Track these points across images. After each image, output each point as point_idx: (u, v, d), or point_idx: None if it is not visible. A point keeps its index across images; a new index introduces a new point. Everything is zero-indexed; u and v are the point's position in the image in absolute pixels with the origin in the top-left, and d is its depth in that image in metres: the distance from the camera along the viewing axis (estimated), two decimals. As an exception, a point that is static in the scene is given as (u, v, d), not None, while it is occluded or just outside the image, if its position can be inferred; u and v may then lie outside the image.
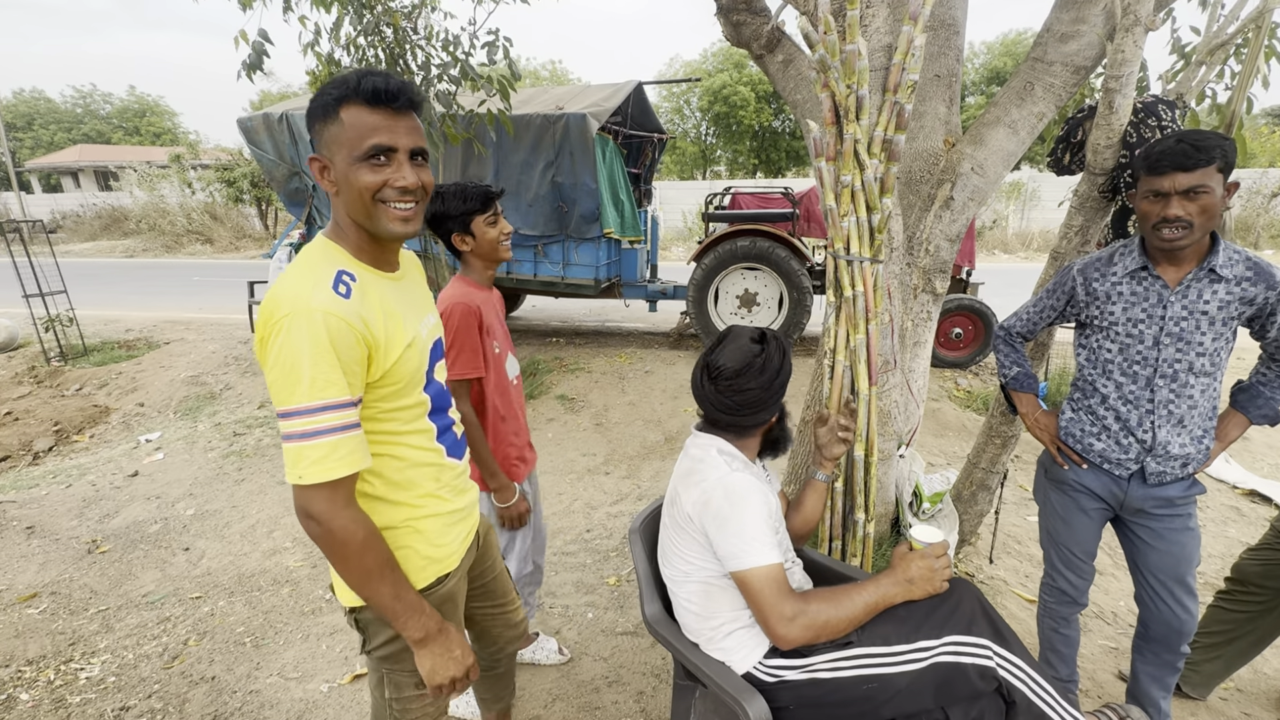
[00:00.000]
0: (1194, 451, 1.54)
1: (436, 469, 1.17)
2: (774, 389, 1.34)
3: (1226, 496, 3.56)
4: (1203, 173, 1.36)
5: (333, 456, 0.92)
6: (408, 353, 1.05)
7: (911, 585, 1.29)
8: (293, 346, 0.90)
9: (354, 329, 0.95)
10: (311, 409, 0.91)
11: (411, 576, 1.12)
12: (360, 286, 0.99)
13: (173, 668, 2.29)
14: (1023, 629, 2.37)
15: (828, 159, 1.69)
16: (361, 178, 0.97)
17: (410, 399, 1.09)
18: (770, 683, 1.26)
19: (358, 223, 1.02)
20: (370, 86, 0.95)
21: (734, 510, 1.24)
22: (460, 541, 1.23)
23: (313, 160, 0.99)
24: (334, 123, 0.96)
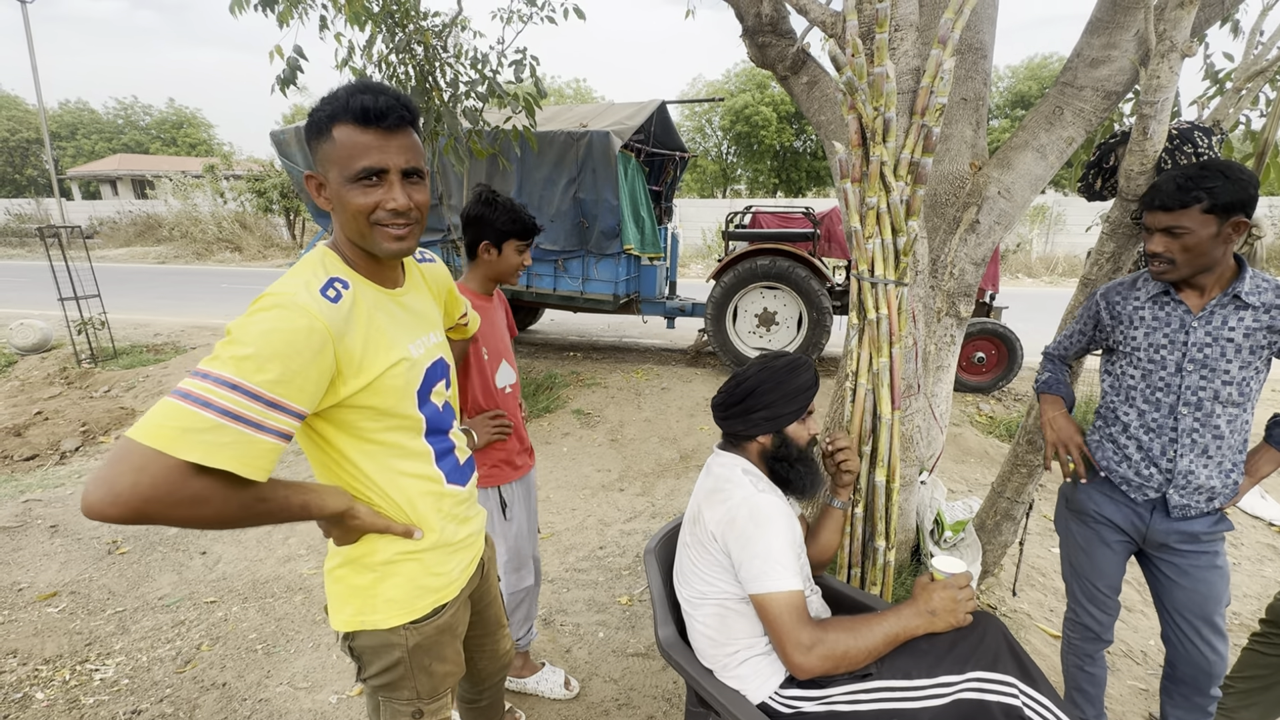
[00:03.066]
0: (1220, 485, 1.49)
1: (436, 497, 1.13)
2: (778, 392, 1.33)
3: (1263, 534, 3.43)
4: (1182, 214, 1.38)
5: (201, 435, 0.79)
6: (391, 372, 1.01)
7: (934, 617, 1.25)
8: (252, 325, 0.86)
9: (329, 336, 0.90)
10: (223, 379, 0.82)
11: (407, 605, 1.10)
12: (351, 296, 0.97)
13: (185, 672, 2.30)
14: (1047, 665, 2.29)
15: (853, 180, 1.68)
16: (353, 199, 0.95)
17: (399, 420, 1.05)
18: (787, 714, 1.23)
19: (353, 241, 1.01)
20: (360, 105, 0.92)
21: (759, 531, 1.22)
22: (462, 570, 1.20)
23: (309, 178, 0.97)
24: (327, 141, 0.94)
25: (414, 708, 1.14)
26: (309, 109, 0.98)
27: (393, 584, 1.08)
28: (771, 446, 1.37)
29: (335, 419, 0.99)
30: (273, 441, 0.85)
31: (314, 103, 0.98)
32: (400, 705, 1.13)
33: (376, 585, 1.08)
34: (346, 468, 1.04)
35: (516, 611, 1.96)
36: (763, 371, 1.36)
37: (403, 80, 4.67)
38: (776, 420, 1.34)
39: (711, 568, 1.30)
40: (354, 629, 1.09)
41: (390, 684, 1.12)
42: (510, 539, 1.86)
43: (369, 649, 1.10)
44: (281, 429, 0.86)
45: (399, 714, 1.14)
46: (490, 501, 1.82)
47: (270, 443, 0.85)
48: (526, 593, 1.97)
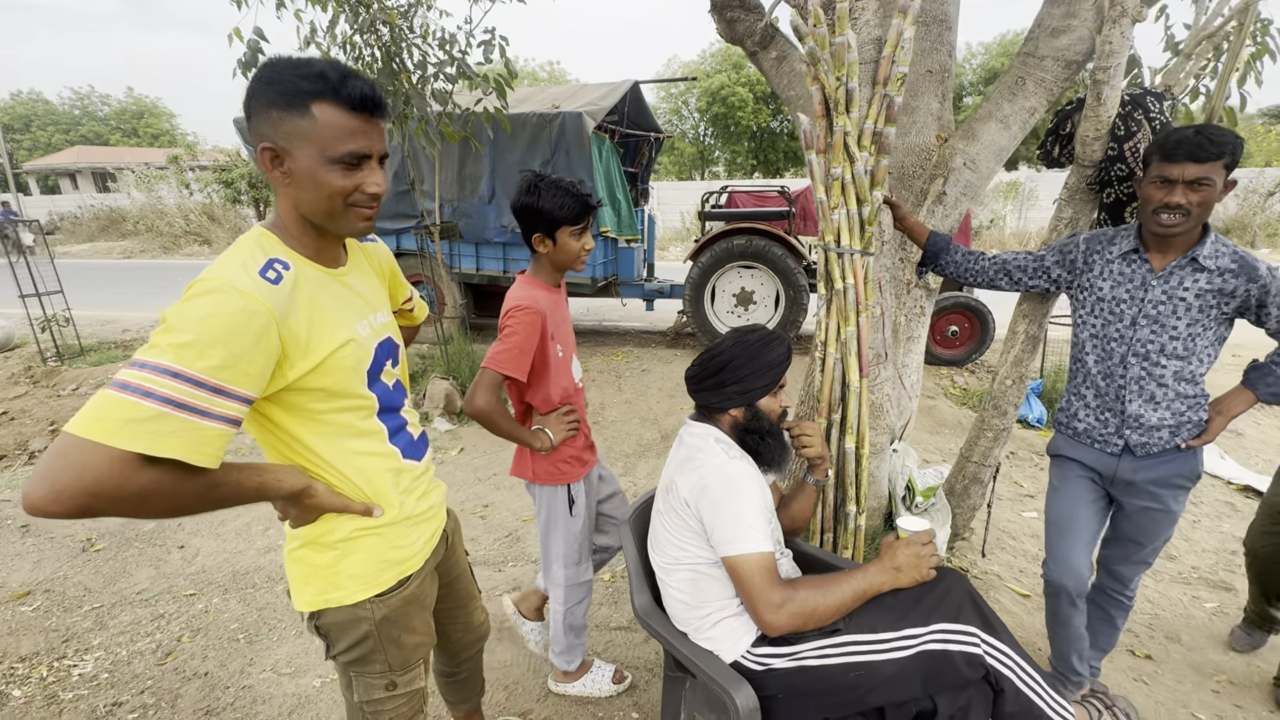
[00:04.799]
0: (1173, 422, 1.58)
1: (395, 473, 1.13)
2: (750, 366, 1.35)
3: (1221, 492, 3.57)
4: (1211, 166, 1.41)
5: (143, 424, 0.78)
6: (340, 352, 1.01)
7: (899, 573, 1.29)
8: (190, 311, 0.84)
9: (271, 318, 0.89)
10: (162, 368, 0.80)
11: (371, 579, 1.10)
12: (293, 277, 0.96)
13: (166, 664, 2.29)
14: (1014, 622, 2.38)
15: (818, 151, 1.69)
16: (334, 181, 0.95)
17: (349, 400, 1.05)
18: (758, 671, 1.27)
19: (309, 218, 0.99)
20: (358, 93, 0.93)
21: (730, 496, 1.25)
22: (425, 542, 1.21)
23: (266, 149, 0.93)
24: (302, 116, 0.91)
25: (387, 680, 1.15)
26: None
27: (355, 560, 1.09)
28: (743, 419, 1.39)
29: (284, 402, 0.98)
30: (221, 428, 0.85)
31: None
32: (373, 679, 1.14)
33: (338, 562, 1.08)
34: (299, 450, 1.03)
35: (579, 606, 1.90)
36: (736, 345, 1.38)
37: (369, 62, 4.57)
38: (748, 394, 1.36)
39: (684, 533, 1.32)
40: (318, 607, 1.09)
41: (361, 658, 1.13)
42: (574, 535, 1.81)
43: (335, 625, 1.10)
44: (229, 415, 0.85)
45: (372, 687, 1.15)
46: (558, 499, 1.78)
47: (218, 429, 0.84)
48: (587, 588, 1.91)
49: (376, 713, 1.17)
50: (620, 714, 1.94)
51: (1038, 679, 1.28)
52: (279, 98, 0.92)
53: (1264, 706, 2.03)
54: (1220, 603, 2.61)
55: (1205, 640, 2.37)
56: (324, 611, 1.09)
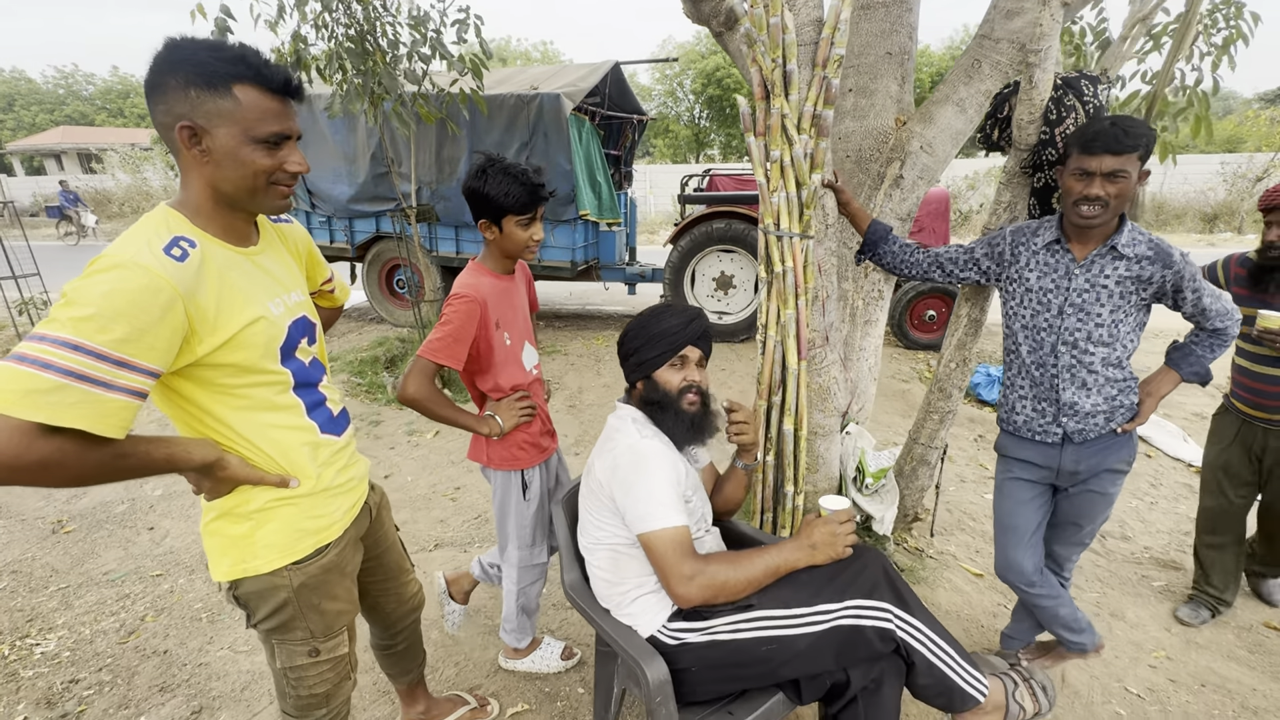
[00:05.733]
0: (1106, 407, 1.62)
1: (312, 446, 1.16)
2: (641, 336, 1.38)
3: (1182, 475, 3.62)
4: (1126, 158, 1.43)
5: (43, 395, 0.80)
6: (250, 330, 1.02)
7: (814, 550, 1.32)
8: (91, 287, 0.85)
9: (176, 294, 0.91)
10: (62, 340, 0.82)
11: (287, 548, 1.13)
12: (199, 255, 0.97)
13: (128, 642, 2.32)
14: (963, 600, 2.43)
15: (757, 134, 1.69)
16: (257, 160, 0.98)
17: (262, 376, 1.07)
18: (672, 645, 1.30)
19: (225, 195, 1.01)
20: (279, 77, 0.98)
21: (639, 475, 1.27)
22: (344, 513, 1.23)
23: (183, 127, 0.94)
24: (223, 97, 0.94)
25: (309, 646, 1.18)
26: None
27: (270, 529, 1.11)
28: (645, 390, 1.41)
29: (195, 377, 1.00)
30: (125, 399, 0.87)
31: None
32: (295, 645, 1.18)
33: (253, 533, 1.10)
34: (210, 424, 1.05)
35: (532, 587, 1.93)
36: (633, 321, 1.41)
37: (341, 41, 4.50)
38: (643, 365, 1.39)
39: (603, 514, 1.35)
40: (235, 577, 1.12)
41: (281, 625, 1.16)
42: (526, 518, 1.83)
43: (254, 594, 1.13)
44: (133, 387, 0.87)
45: (295, 654, 1.18)
46: (511, 483, 1.79)
47: (122, 400, 0.86)
48: (541, 570, 1.93)
49: (300, 679, 1.20)
50: (567, 689, 1.98)
51: (950, 653, 1.32)
52: (199, 78, 0.93)
53: (1196, 681, 2.09)
54: (1168, 581, 2.67)
55: (1149, 617, 2.43)
56: (241, 581, 1.13)
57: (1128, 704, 1.97)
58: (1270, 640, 2.30)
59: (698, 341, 1.43)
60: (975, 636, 2.23)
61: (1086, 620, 1.85)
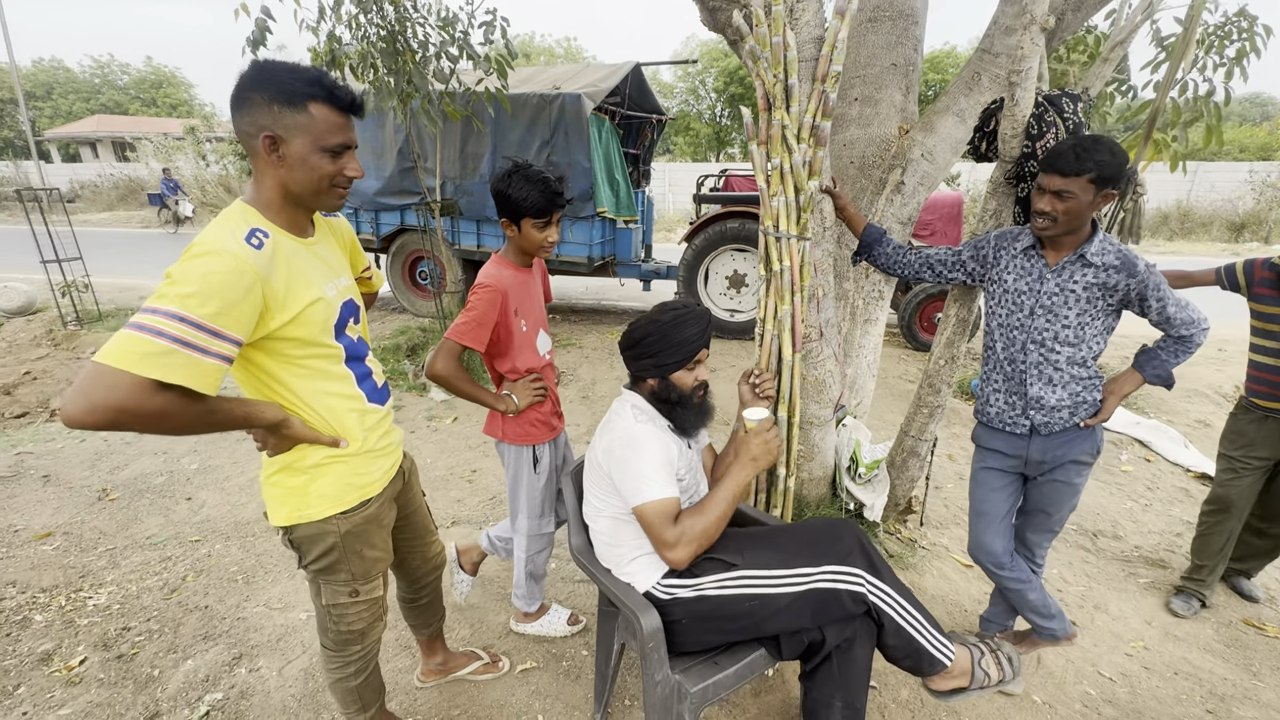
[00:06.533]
0: (1070, 403, 1.74)
1: (360, 413, 1.33)
2: (663, 342, 1.50)
3: (1179, 479, 3.69)
4: (1074, 180, 1.56)
5: (158, 358, 0.96)
6: (311, 309, 1.19)
7: (756, 461, 1.49)
8: (191, 269, 1.02)
9: (257, 277, 1.07)
10: (170, 313, 0.98)
11: (337, 499, 1.30)
12: (272, 244, 1.14)
13: (171, 599, 2.52)
14: (950, 588, 2.55)
15: (759, 143, 1.83)
16: (324, 166, 1.16)
17: (321, 349, 1.24)
18: (665, 600, 1.45)
19: (294, 194, 1.18)
20: (348, 97, 1.17)
21: (632, 454, 1.43)
22: (384, 473, 1.41)
23: (266, 137, 1.11)
24: (300, 112, 1.11)
25: (350, 588, 1.36)
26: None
27: (324, 483, 1.29)
28: (659, 389, 1.55)
29: (266, 348, 1.18)
30: (217, 363, 1.04)
31: (297, 62, 1.14)
32: (339, 586, 1.36)
33: (309, 485, 1.28)
34: (277, 389, 1.23)
35: (540, 555, 2.09)
36: (651, 324, 1.53)
37: (373, 42, 4.69)
38: (662, 368, 1.52)
39: (604, 488, 1.51)
40: (292, 523, 1.30)
41: (328, 567, 1.34)
42: (536, 490, 1.98)
43: (307, 538, 1.31)
44: (224, 353, 1.05)
45: (338, 593, 1.36)
46: (523, 457, 1.95)
47: (215, 364, 1.04)
48: (548, 539, 2.09)
49: (341, 615, 1.38)
50: (572, 651, 2.15)
51: (918, 618, 1.46)
52: (281, 95, 1.11)
53: (1170, 669, 2.20)
54: (1154, 578, 2.77)
55: (1131, 610, 2.53)
56: (296, 526, 1.30)
57: (1098, 685, 2.09)
58: (1247, 636, 2.40)
59: (708, 343, 1.58)
60: (958, 619, 2.35)
61: (1058, 607, 1.97)
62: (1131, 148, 3.78)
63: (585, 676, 2.04)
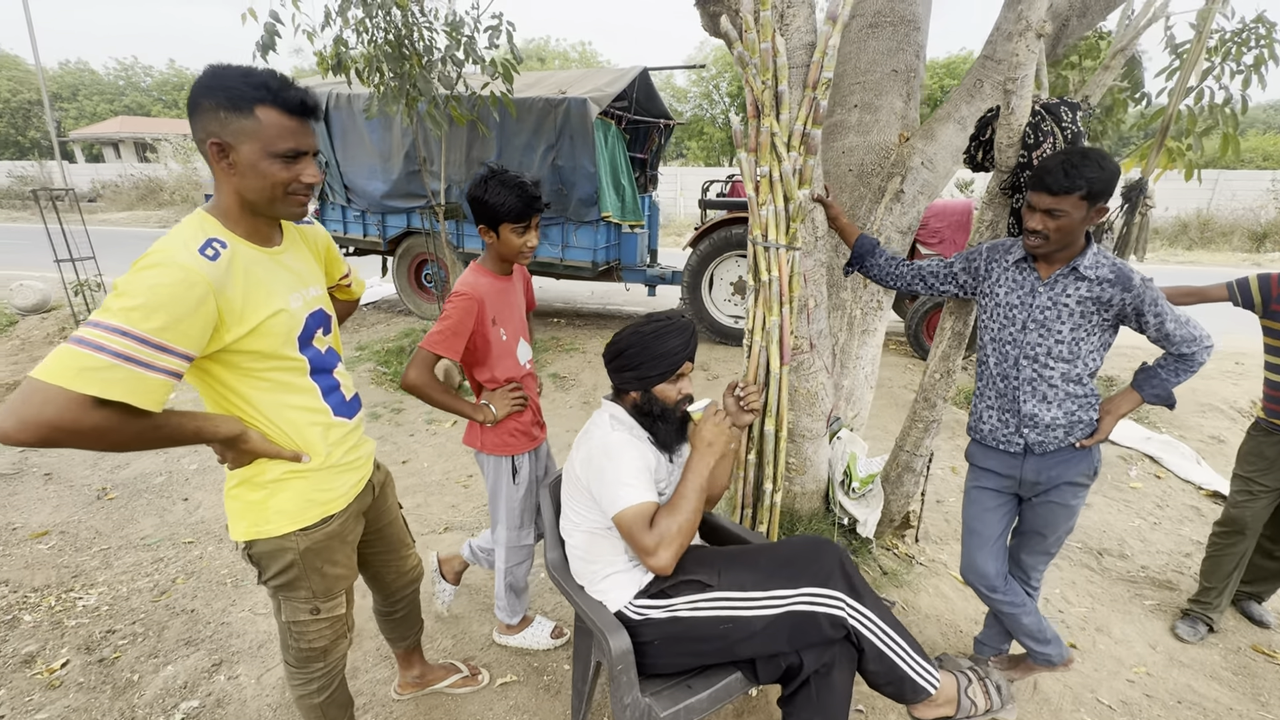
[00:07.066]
0: (1065, 421, 1.68)
1: (325, 427, 1.30)
2: (644, 355, 1.46)
3: (1191, 497, 3.59)
4: (1064, 198, 1.50)
5: (96, 373, 0.93)
6: (272, 320, 1.16)
7: (712, 446, 1.45)
8: (138, 281, 0.99)
9: (209, 289, 1.04)
10: (113, 327, 0.95)
11: (296, 515, 1.27)
12: (229, 254, 1.10)
13: (160, 601, 2.52)
14: (947, 607, 2.48)
15: (749, 150, 1.80)
16: (276, 173, 1.12)
17: (283, 361, 1.21)
18: (637, 620, 1.41)
19: (250, 202, 1.15)
20: (296, 99, 1.11)
21: (609, 462, 1.39)
22: (349, 488, 1.37)
23: (213, 143, 1.08)
24: (247, 118, 1.07)
25: (311, 605, 1.33)
26: (309, 71, 1.10)
27: (283, 498, 1.26)
28: (641, 402, 1.51)
29: (224, 361, 1.15)
30: (163, 379, 1.01)
31: (314, 65, 1.11)
32: (299, 603, 1.32)
33: (268, 500, 1.25)
34: (236, 402, 1.20)
35: (519, 567, 2.05)
36: (633, 335, 1.50)
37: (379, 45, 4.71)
38: (644, 380, 1.48)
39: (581, 500, 1.47)
40: (251, 538, 1.27)
41: (288, 584, 1.31)
42: (516, 501, 1.95)
43: (265, 554, 1.28)
44: (170, 368, 1.02)
45: (298, 610, 1.33)
46: (502, 467, 1.92)
47: (160, 379, 1.01)
48: (528, 551, 2.05)
49: (302, 633, 1.35)
50: (554, 665, 2.11)
51: (901, 643, 1.40)
52: (226, 100, 1.07)
53: (1173, 698, 2.12)
54: (1161, 600, 2.68)
55: (1135, 634, 2.45)
56: (255, 542, 1.28)
57: (1097, 714, 2.02)
58: (1256, 663, 2.31)
59: (692, 355, 1.54)
60: (952, 640, 2.29)
61: (1053, 632, 1.91)
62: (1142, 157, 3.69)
63: (565, 692, 2.01)
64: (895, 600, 2.40)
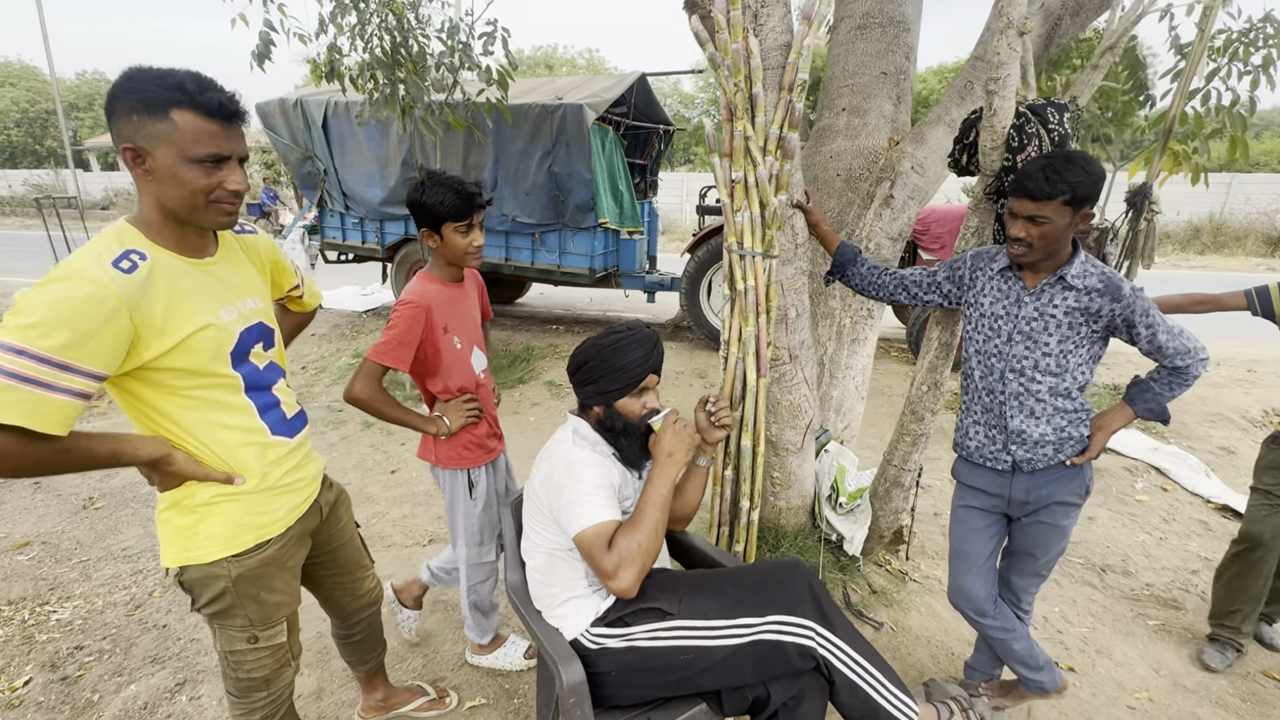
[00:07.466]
0: (1054, 438, 1.60)
1: (260, 447, 1.23)
2: (603, 369, 1.40)
3: (1198, 511, 3.47)
4: (1046, 204, 1.43)
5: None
6: (199, 336, 1.10)
7: (673, 456, 1.38)
8: (38, 297, 0.94)
9: (120, 304, 0.98)
10: (8, 346, 0.90)
11: (228, 540, 1.21)
12: (150, 267, 1.04)
13: (134, 615, 2.48)
14: (940, 628, 2.39)
15: (722, 155, 1.73)
16: (196, 179, 1.05)
17: (212, 378, 1.14)
18: (593, 650, 1.34)
19: (171, 211, 1.08)
20: (215, 101, 1.04)
21: (569, 480, 1.33)
22: (289, 511, 1.30)
23: (126, 149, 1.02)
24: (162, 121, 1.01)
25: (248, 634, 1.27)
26: (302, 78, 1.05)
27: (213, 522, 1.20)
28: (604, 417, 1.44)
29: (146, 379, 1.09)
30: (67, 399, 0.95)
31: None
32: (235, 632, 1.26)
33: (198, 525, 1.19)
34: (161, 422, 1.14)
35: (482, 585, 1.98)
36: (592, 348, 1.43)
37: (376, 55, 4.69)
38: (605, 395, 1.41)
39: (541, 519, 1.40)
40: (180, 564, 1.21)
41: (221, 611, 1.24)
42: (474, 517, 1.88)
43: (196, 581, 1.22)
44: (75, 388, 0.96)
45: (234, 639, 1.27)
46: (458, 482, 1.86)
47: (65, 401, 0.95)
48: (490, 569, 1.98)
49: (239, 663, 1.29)
50: (526, 687, 2.04)
51: (875, 674, 1.33)
52: (140, 104, 1.02)
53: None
54: (1165, 620, 2.57)
55: (1137, 656, 2.35)
56: (186, 568, 1.22)
57: (1094, 744, 1.92)
58: (1266, 689, 2.20)
59: (656, 368, 1.47)
60: (942, 664, 2.20)
61: (1046, 658, 1.82)
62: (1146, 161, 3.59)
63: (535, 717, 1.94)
64: (884, 621, 2.31)
